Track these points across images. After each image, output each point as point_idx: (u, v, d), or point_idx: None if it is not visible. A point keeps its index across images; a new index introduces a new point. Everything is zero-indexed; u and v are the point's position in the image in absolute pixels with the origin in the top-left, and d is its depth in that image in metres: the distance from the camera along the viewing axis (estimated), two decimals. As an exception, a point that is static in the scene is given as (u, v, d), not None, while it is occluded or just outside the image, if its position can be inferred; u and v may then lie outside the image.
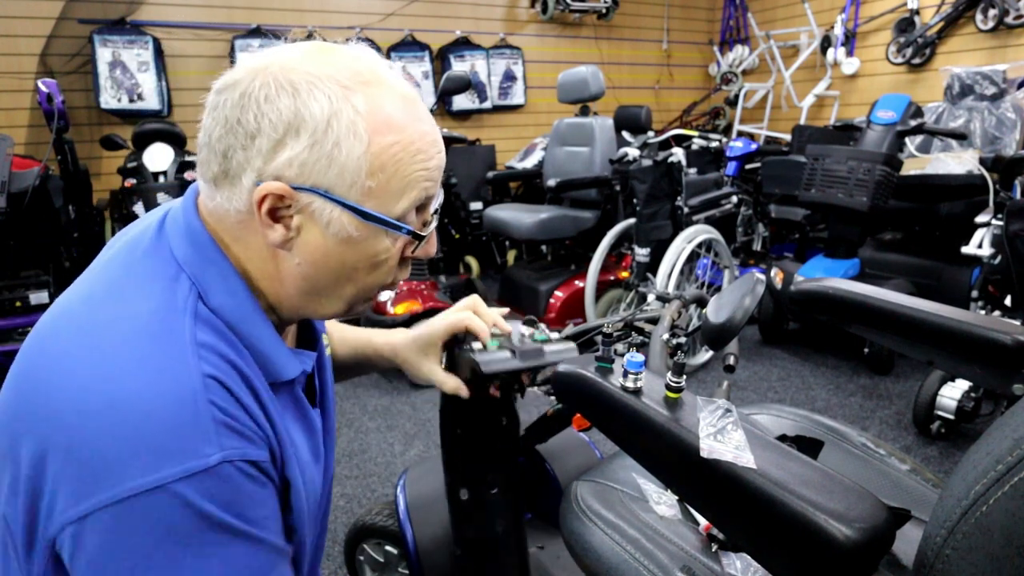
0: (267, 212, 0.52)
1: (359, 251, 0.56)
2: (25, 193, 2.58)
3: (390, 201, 0.54)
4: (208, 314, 0.53)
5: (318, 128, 0.50)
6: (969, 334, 0.79)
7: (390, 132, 0.53)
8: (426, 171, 0.56)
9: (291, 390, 0.60)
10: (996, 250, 2.39)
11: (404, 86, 0.56)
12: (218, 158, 0.52)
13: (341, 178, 0.52)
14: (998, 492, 0.38)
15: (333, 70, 0.52)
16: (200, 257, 0.54)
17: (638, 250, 2.92)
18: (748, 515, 0.51)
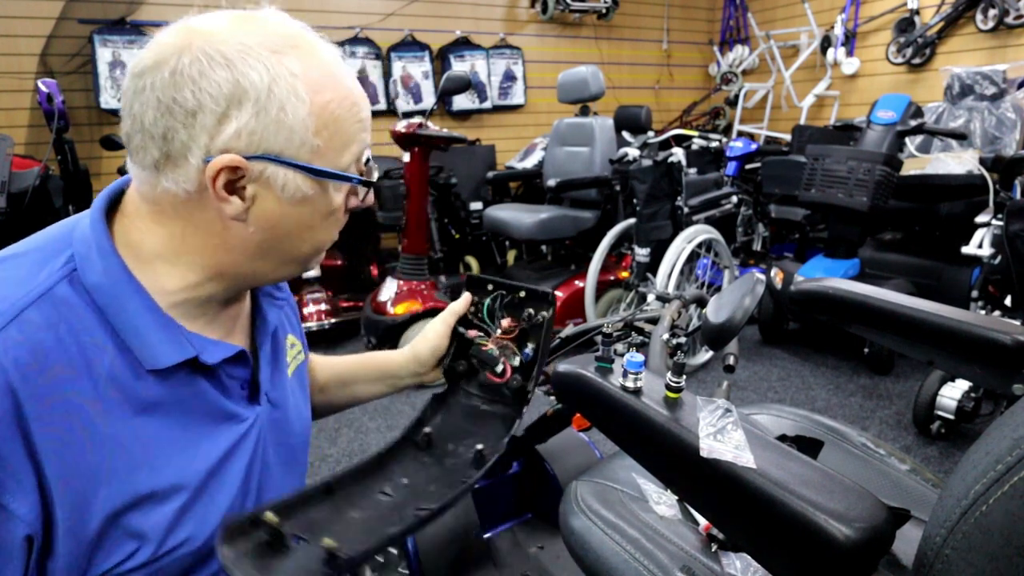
0: (223, 186, 0.52)
1: (313, 209, 0.57)
2: (25, 193, 2.58)
3: (336, 156, 0.56)
4: (71, 294, 0.52)
5: (260, 96, 0.51)
6: (969, 334, 0.79)
7: (326, 90, 0.54)
8: (361, 122, 0.58)
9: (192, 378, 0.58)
10: (996, 250, 2.39)
11: (326, 46, 0.58)
12: (157, 142, 0.51)
13: (290, 141, 0.53)
14: (998, 492, 0.38)
15: (261, 37, 0.52)
16: (86, 235, 0.55)
17: (638, 250, 2.92)
18: (748, 515, 0.51)
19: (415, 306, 2.74)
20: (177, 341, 0.56)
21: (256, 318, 0.70)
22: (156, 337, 0.55)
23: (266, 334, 0.69)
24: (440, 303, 2.80)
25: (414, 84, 4.61)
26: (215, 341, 0.60)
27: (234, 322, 0.66)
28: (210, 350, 0.59)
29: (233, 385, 0.64)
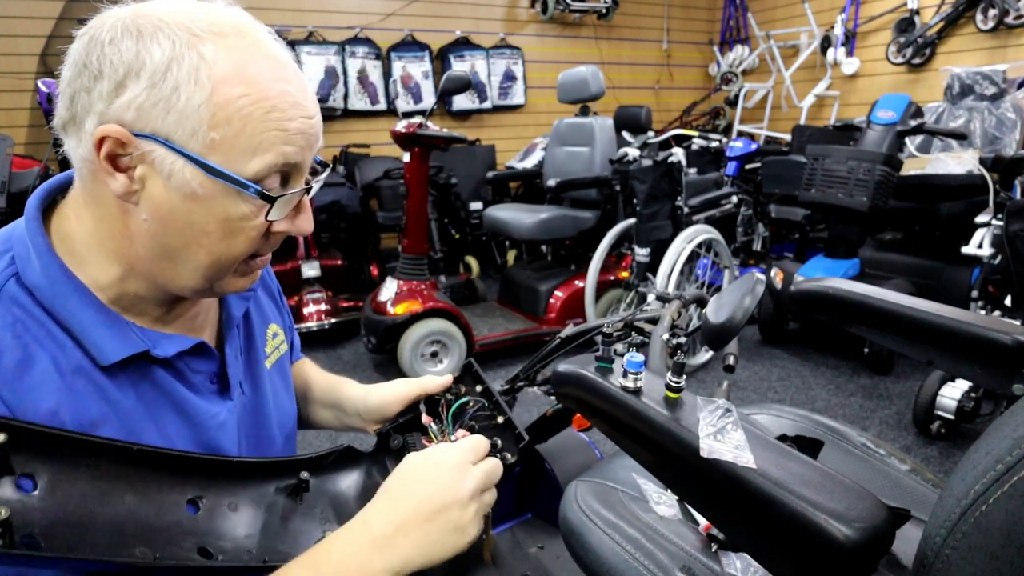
0: (106, 158, 0.50)
1: (207, 211, 0.53)
2: (25, 193, 2.58)
3: (239, 159, 0.52)
4: (19, 293, 0.52)
5: (157, 71, 0.49)
6: (969, 334, 0.79)
7: (239, 84, 0.50)
8: (283, 132, 0.53)
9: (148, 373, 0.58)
10: (996, 250, 2.39)
11: (273, 46, 0.55)
12: (66, 103, 0.52)
13: (180, 126, 0.50)
14: (998, 492, 0.38)
15: (187, 19, 0.51)
16: (25, 234, 0.55)
17: (638, 250, 2.92)
18: (748, 515, 0.51)
19: (415, 306, 2.74)
20: (123, 336, 0.56)
21: (223, 312, 0.69)
22: (101, 333, 0.54)
23: (231, 327, 0.68)
24: (440, 303, 2.80)
25: (414, 84, 4.61)
26: (169, 335, 0.60)
27: (195, 319, 0.66)
28: (163, 344, 0.58)
29: (199, 379, 0.63)
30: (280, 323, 0.80)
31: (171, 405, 0.60)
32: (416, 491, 0.56)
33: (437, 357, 2.89)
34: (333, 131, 4.46)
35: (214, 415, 0.63)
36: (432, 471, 0.58)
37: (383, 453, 0.73)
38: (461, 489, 0.56)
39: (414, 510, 0.55)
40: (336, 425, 0.85)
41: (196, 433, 0.61)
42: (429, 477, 0.57)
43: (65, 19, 3.60)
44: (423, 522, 0.55)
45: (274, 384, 0.74)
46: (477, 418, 0.73)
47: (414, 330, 2.75)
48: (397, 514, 0.55)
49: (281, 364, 0.77)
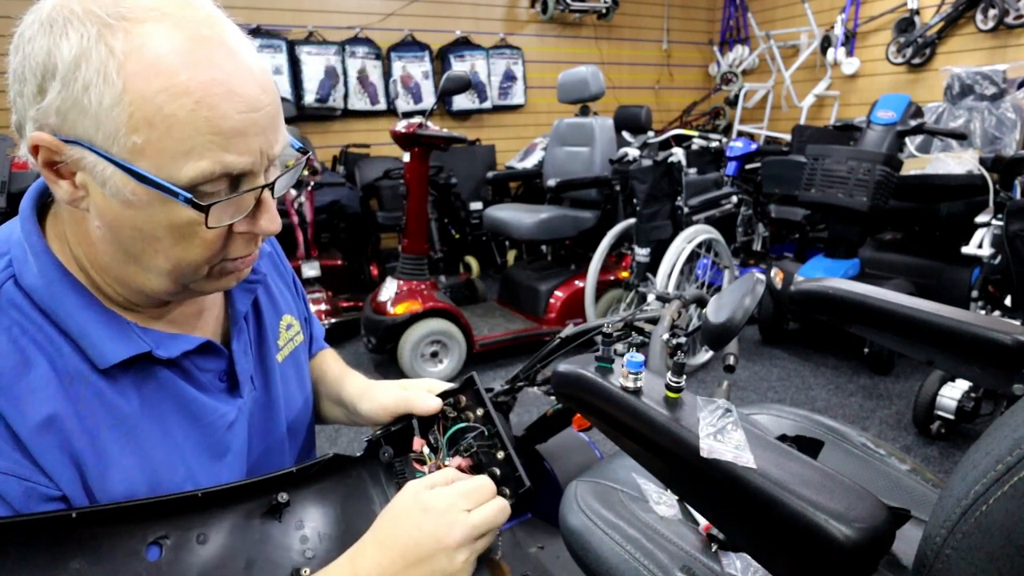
0: (45, 165, 0.47)
1: (149, 217, 0.48)
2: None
3: (169, 164, 0.46)
4: (16, 295, 0.51)
5: (68, 71, 0.44)
6: (969, 334, 0.79)
7: (156, 78, 0.44)
8: (216, 135, 0.46)
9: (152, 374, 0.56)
10: (996, 250, 2.39)
11: (200, 26, 0.46)
12: (13, 107, 0.49)
13: (98, 130, 0.45)
14: (998, 492, 0.38)
15: (99, 5, 0.45)
16: (21, 237, 0.54)
17: (638, 250, 2.92)
18: (748, 515, 0.51)
19: (415, 306, 2.74)
20: (124, 337, 0.54)
21: (228, 307, 0.67)
22: (100, 334, 0.53)
23: (238, 322, 0.66)
24: (440, 303, 2.80)
25: (414, 84, 4.61)
26: (173, 335, 0.58)
27: (199, 316, 0.64)
28: (167, 344, 0.57)
29: (208, 378, 0.61)
30: (295, 314, 0.77)
31: (178, 407, 0.58)
32: (404, 535, 0.55)
33: (437, 357, 2.89)
34: (333, 131, 4.47)
35: (223, 415, 0.61)
36: (420, 517, 0.55)
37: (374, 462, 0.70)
38: (448, 537, 0.54)
39: (401, 555, 0.53)
40: (346, 420, 0.82)
41: (204, 435, 0.60)
42: (417, 523, 0.55)
43: (65, 19, 3.60)
44: (409, 567, 0.53)
45: (286, 377, 0.72)
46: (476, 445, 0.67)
47: (414, 330, 2.75)
48: (384, 558, 0.54)
49: (295, 356, 0.75)
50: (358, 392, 0.78)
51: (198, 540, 0.53)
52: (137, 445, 0.54)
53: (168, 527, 0.51)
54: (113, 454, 0.53)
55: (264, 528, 0.58)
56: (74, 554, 0.46)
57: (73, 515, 0.46)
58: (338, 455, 0.67)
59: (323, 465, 0.65)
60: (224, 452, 0.61)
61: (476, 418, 0.70)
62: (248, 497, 0.58)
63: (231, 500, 0.57)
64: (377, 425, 0.74)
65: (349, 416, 0.80)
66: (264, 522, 0.58)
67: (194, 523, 0.53)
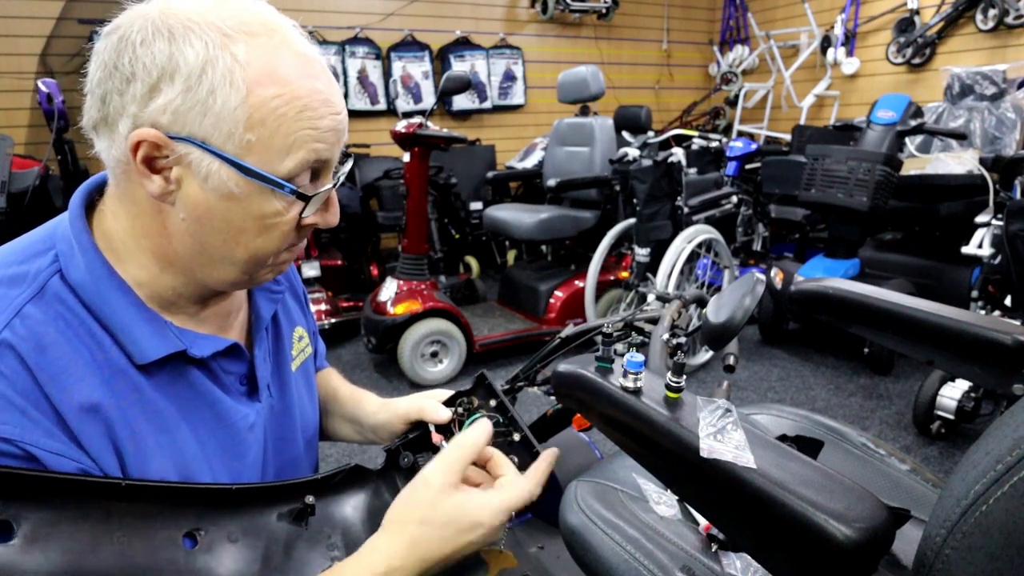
0: (143, 161, 0.50)
1: (244, 210, 0.53)
2: (25, 193, 2.58)
3: (274, 159, 0.52)
4: (62, 290, 0.53)
5: (192, 74, 0.48)
6: (969, 334, 0.79)
7: (273, 85, 0.50)
8: (315, 130, 0.53)
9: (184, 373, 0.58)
10: (996, 250, 2.39)
11: (300, 43, 0.54)
12: (97, 103, 0.51)
13: (217, 128, 0.50)
14: (998, 492, 0.38)
15: (217, 18, 0.50)
16: (69, 233, 0.55)
17: (638, 250, 2.92)
18: (748, 515, 0.51)
19: (415, 306, 2.74)
20: (163, 335, 0.56)
21: (252, 313, 0.69)
22: (141, 331, 0.55)
23: (260, 328, 0.68)
24: (440, 303, 2.80)
25: (414, 84, 4.61)
26: (204, 335, 0.60)
27: (227, 318, 0.66)
28: (199, 344, 0.59)
29: (231, 380, 0.63)
30: (305, 327, 0.80)
31: (206, 406, 0.60)
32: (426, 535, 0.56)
33: (437, 357, 2.89)
34: (333, 131, 4.46)
35: (244, 416, 0.63)
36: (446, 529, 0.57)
37: (393, 470, 0.71)
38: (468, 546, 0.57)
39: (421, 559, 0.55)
40: (358, 439, 0.84)
41: (228, 435, 0.61)
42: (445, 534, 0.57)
43: (65, 19, 3.60)
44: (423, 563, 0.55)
45: (299, 388, 0.74)
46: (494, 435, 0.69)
47: (414, 330, 2.75)
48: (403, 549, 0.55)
49: (306, 368, 0.77)
50: (374, 408, 0.80)
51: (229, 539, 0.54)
52: (171, 440, 0.56)
53: (202, 521, 0.53)
54: (150, 446, 0.54)
55: (290, 531, 0.59)
56: (119, 525, 0.48)
57: (123, 484, 0.48)
58: (359, 465, 0.69)
59: (346, 474, 0.67)
60: (244, 454, 0.63)
61: (490, 409, 0.72)
62: (277, 499, 0.60)
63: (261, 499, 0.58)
64: (393, 436, 0.76)
65: (361, 433, 0.82)
66: (290, 525, 0.59)
67: (226, 520, 0.55)
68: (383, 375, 2.99)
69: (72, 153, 2.92)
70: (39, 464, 0.47)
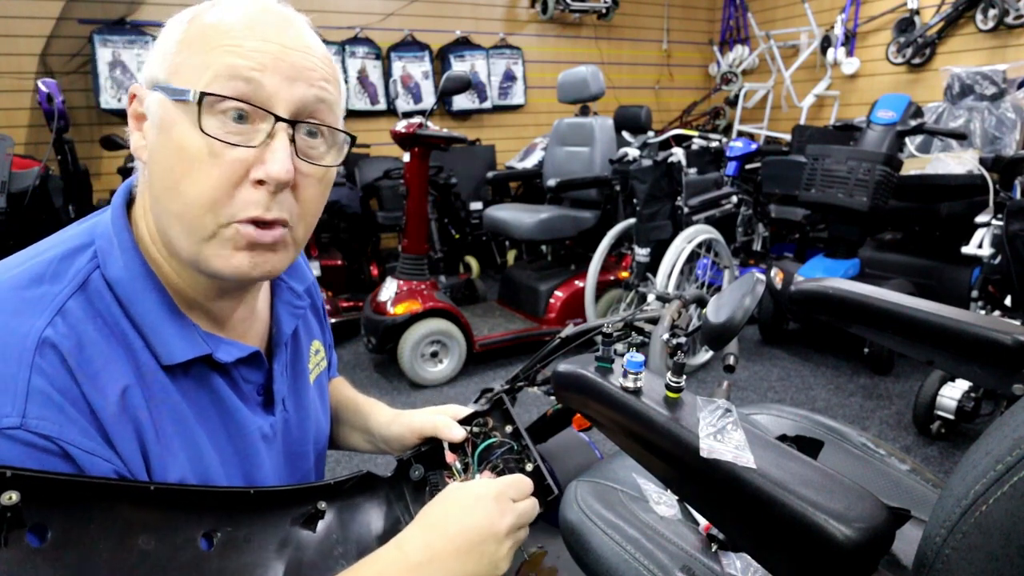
0: (133, 116, 0.56)
1: (170, 140, 0.51)
2: (25, 193, 2.58)
3: (192, 77, 0.51)
4: (101, 287, 0.53)
5: (164, 33, 0.55)
6: (969, 334, 0.79)
7: (213, 18, 0.53)
8: (236, 46, 0.50)
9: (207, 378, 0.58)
10: (996, 250, 2.39)
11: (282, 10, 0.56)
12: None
13: (161, 66, 0.53)
14: (998, 492, 0.38)
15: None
16: (110, 230, 0.56)
17: (638, 250, 2.92)
18: (748, 515, 0.51)
19: (415, 306, 2.74)
20: (191, 338, 0.56)
21: (273, 326, 0.69)
22: (170, 332, 0.55)
23: (280, 342, 0.68)
24: (440, 303, 2.80)
25: (414, 84, 4.61)
26: (228, 340, 0.60)
27: (248, 327, 0.66)
28: (224, 348, 0.59)
29: (249, 389, 0.63)
30: (322, 340, 0.80)
31: (224, 412, 0.60)
32: (455, 521, 0.56)
33: (437, 357, 2.89)
34: (333, 131, 4.46)
35: (259, 426, 0.63)
36: (472, 503, 0.58)
37: (402, 481, 0.72)
38: (500, 524, 0.57)
39: (451, 540, 0.55)
40: (368, 448, 0.84)
41: (242, 443, 0.61)
42: (468, 510, 0.57)
43: (65, 19, 3.60)
44: (459, 553, 0.55)
45: (313, 401, 0.74)
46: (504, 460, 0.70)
47: (414, 330, 2.75)
48: (434, 542, 0.55)
49: (320, 380, 0.78)
50: (388, 418, 0.80)
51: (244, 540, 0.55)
52: (191, 443, 0.56)
53: (219, 522, 0.53)
54: (174, 448, 0.54)
55: (301, 536, 0.60)
56: (143, 529, 0.48)
57: (151, 488, 0.49)
58: (370, 473, 0.70)
59: (358, 481, 0.68)
60: (259, 464, 0.63)
61: (505, 435, 0.73)
62: (291, 503, 0.60)
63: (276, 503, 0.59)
64: (404, 449, 0.77)
65: (373, 443, 0.82)
66: (301, 530, 0.60)
67: (242, 522, 0.55)
68: (383, 375, 2.99)
69: (72, 153, 2.92)
70: (74, 463, 0.47)
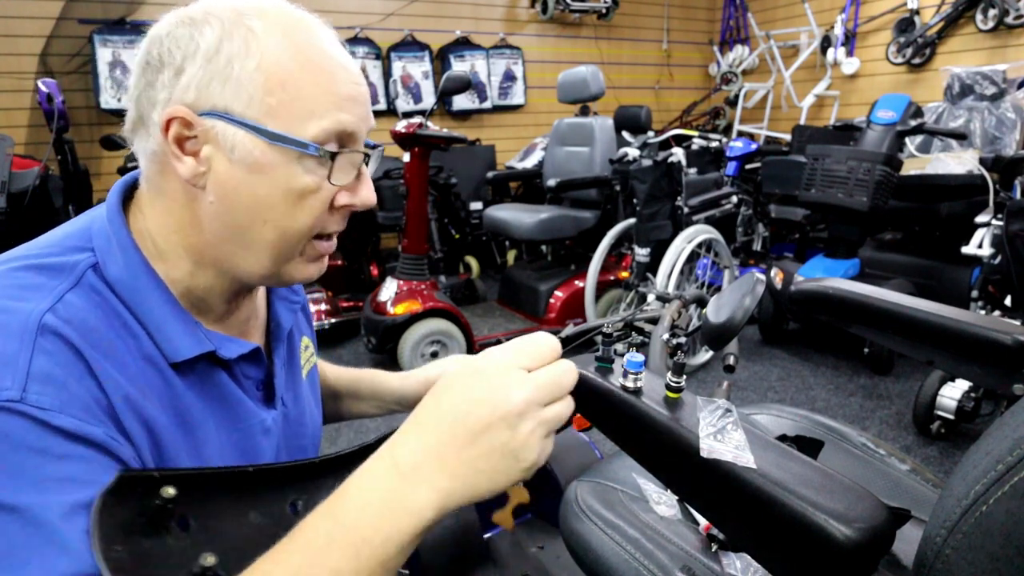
0: (175, 141, 0.52)
1: (271, 182, 0.53)
2: (25, 193, 2.58)
3: (295, 124, 0.52)
4: (99, 284, 0.53)
5: (210, 48, 0.51)
6: (969, 334, 0.79)
7: (290, 48, 0.52)
8: (335, 96, 0.54)
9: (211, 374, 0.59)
10: (996, 250, 2.39)
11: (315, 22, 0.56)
12: (134, 103, 0.53)
13: (237, 96, 0.51)
14: (998, 492, 0.38)
15: (233, 3, 0.53)
16: (106, 230, 0.55)
17: (638, 250, 2.92)
18: (748, 515, 0.51)
19: (415, 306, 2.74)
20: (195, 335, 0.57)
21: (271, 322, 0.69)
22: (176, 329, 0.55)
23: (281, 338, 0.69)
24: (440, 303, 2.80)
25: (414, 84, 4.61)
26: (230, 337, 0.61)
27: (247, 324, 0.66)
28: (227, 346, 0.59)
29: (249, 385, 0.64)
30: (310, 336, 0.81)
31: (228, 408, 0.60)
32: (451, 408, 0.46)
33: (437, 357, 2.89)
34: (333, 131, 4.46)
35: (261, 420, 0.63)
36: (468, 381, 0.47)
37: None
38: (507, 401, 0.45)
39: (448, 432, 0.45)
40: (378, 413, 0.87)
41: (245, 438, 0.62)
42: (465, 389, 0.46)
43: (65, 19, 3.60)
44: (461, 447, 0.44)
45: (307, 396, 0.75)
46: None
47: (414, 330, 2.75)
48: (428, 439, 0.45)
49: (312, 376, 0.78)
50: (399, 378, 0.84)
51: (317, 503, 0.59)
52: (191, 440, 0.56)
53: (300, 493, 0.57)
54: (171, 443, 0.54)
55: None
56: (250, 507, 0.52)
57: (250, 470, 0.53)
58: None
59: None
60: (259, 458, 0.63)
61: None
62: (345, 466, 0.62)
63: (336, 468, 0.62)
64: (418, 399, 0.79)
65: (384, 406, 0.85)
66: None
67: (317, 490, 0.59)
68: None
69: (72, 153, 2.92)
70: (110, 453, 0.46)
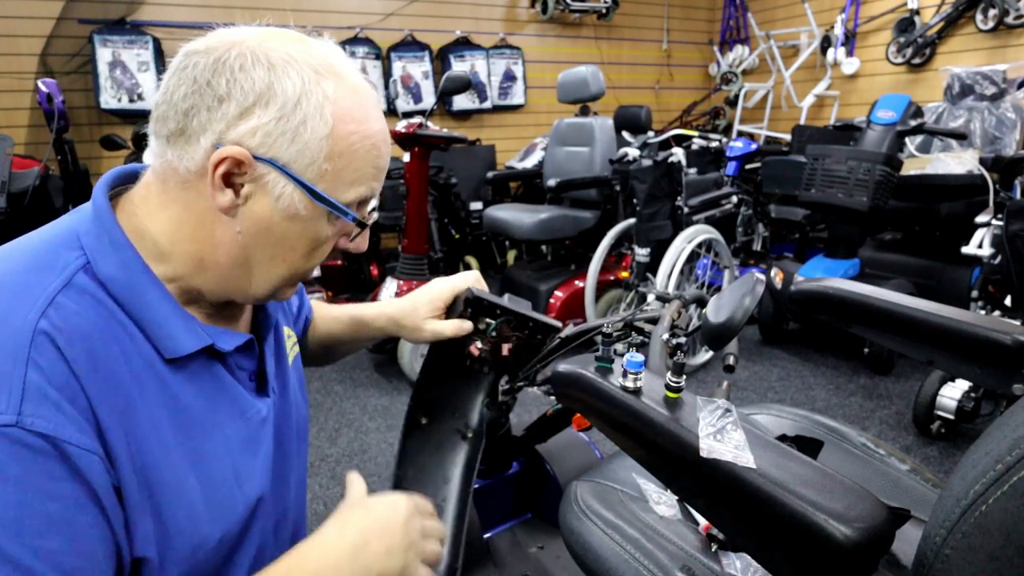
0: (222, 176, 0.53)
1: (302, 230, 0.58)
2: (25, 193, 2.59)
3: (340, 188, 0.57)
4: (89, 284, 0.52)
5: (288, 103, 0.53)
6: (969, 334, 0.79)
7: (352, 122, 0.56)
8: (376, 169, 0.60)
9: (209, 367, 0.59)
10: (996, 250, 2.39)
11: (366, 85, 0.60)
12: (178, 115, 0.54)
13: (301, 155, 0.54)
14: (997, 492, 0.38)
15: (308, 56, 0.55)
16: (97, 228, 0.55)
17: (638, 250, 2.92)
18: (748, 515, 0.51)
19: (415, 306, 2.74)
20: (193, 330, 0.57)
21: (259, 312, 0.71)
22: (175, 326, 0.56)
23: (269, 327, 0.70)
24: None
25: (414, 84, 4.61)
26: (225, 330, 0.62)
27: (236, 317, 0.67)
28: (223, 338, 0.60)
29: (243, 376, 0.64)
30: (292, 326, 0.82)
31: (229, 400, 0.61)
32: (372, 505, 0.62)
33: (437, 357, 2.89)
34: (333, 131, 4.46)
35: (258, 410, 0.64)
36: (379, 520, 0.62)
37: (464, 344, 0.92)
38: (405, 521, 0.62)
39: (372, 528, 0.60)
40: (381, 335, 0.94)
41: (245, 429, 0.62)
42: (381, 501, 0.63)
43: (65, 19, 3.60)
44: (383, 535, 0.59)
45: (293, 385, 0.76)
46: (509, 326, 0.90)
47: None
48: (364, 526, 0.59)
49: (296, 364, 0.79)
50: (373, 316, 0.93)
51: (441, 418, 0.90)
52: (188, 437, 0.56)
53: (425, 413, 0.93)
54: (168, 442, 0.54)
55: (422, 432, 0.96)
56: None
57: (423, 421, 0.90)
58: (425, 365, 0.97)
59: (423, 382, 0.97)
60: (259, 448, 0.64)
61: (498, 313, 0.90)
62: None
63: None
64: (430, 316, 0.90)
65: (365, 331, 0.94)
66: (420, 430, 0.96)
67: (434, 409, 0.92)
68: (383, 375, 2.99)
69: (72, 153, 2.92)
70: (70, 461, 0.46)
